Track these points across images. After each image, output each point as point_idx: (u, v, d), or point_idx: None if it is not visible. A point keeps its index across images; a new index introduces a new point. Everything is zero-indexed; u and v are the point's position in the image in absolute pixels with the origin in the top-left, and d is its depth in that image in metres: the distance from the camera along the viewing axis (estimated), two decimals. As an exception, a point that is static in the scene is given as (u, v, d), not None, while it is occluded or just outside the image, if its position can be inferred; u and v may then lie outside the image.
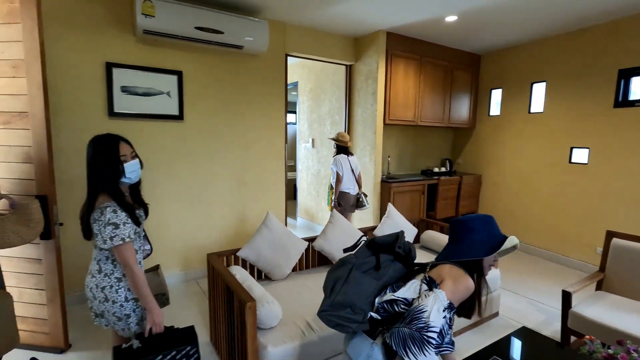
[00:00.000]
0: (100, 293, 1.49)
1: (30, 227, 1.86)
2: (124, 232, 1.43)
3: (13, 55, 2.05)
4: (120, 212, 1.44)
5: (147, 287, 1.47)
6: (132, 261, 1.44)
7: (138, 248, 1.58)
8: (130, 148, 1.53)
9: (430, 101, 4.43)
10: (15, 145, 2.14)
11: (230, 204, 3.58)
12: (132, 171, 1.51)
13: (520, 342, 1.86)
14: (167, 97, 3.09)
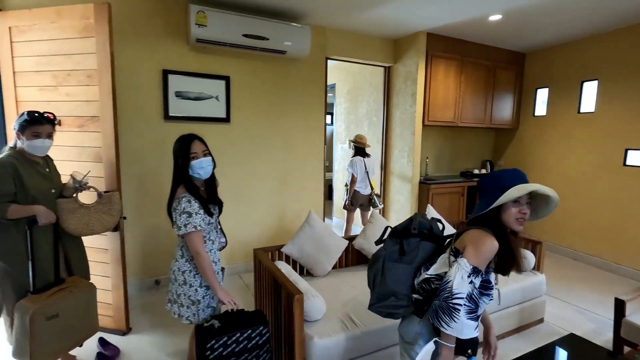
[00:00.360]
0: (181, 276, 1.68)
1: (112, 216, 2.08)
2: (196, 221, 1.59)
3: (88, 65, 2.29)
4: (193, 203, 1.61)
5: (212, 272, 1.64)
6: (200, 247, 1.61)
7: (214, 239, 1.74)
8: (203, 146, 1.68)
9: (471, 102, 4.35)
10: (88, 146, 2.38)
11: (271, 202, 3.73)
12: (200, 167, 1.65)
13: (567, 350, 1.82)
14: (215, 101, 3.29)
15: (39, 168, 1.87)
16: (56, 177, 1.99)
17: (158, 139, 3.12)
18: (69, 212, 1.91)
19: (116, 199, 2.10)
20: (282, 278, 1.93)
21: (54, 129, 1.90)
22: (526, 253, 2.68)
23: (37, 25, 2.33)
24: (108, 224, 2.08)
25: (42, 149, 1.83)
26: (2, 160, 1.74)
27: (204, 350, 1.52)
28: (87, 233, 1.99)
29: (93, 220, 2.00)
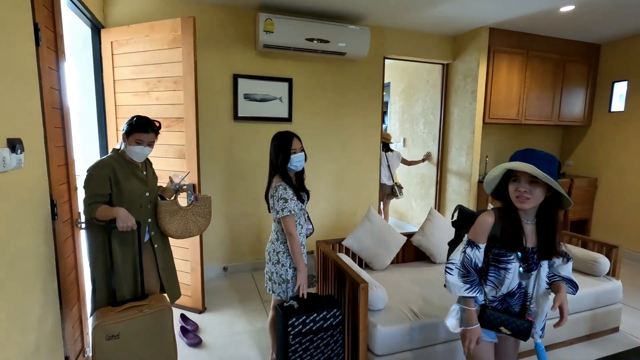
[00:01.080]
0: (275, 256, 1.91)
1: (206, 219, 2.10)
2: (291, 206, 1.82)
3: (175, 73, 2.60)
4: (289, 190, 1.83)
5: (300, 254, 1.86)
6: (293, 229, 1.83)
7: (302, 224, 1.96)
8: (300, 143, 1.89)
9: (537, 98, 4.14)
10: (173, 144, 2.70)
11: (328, 199, 3.87)
12: (298, 161, 1.87)
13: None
14: (279, 102, 3.50)
15: (136, 171, 1.85)
16: (153, 180, 1.96)
17: (228, 137, 3.40)
18: (170, 215, 1.92)
19: (210, 202, 2.12)
20: (347, 268, 2.05)
21: (157, 137, 1.88)
22: (599, 257, 2.53)
23: (134, 39, 2.68)
24: (202, 227, 2.08)
25: (140, 155, 1.82)
26: (102, 161, 1.76)
27: (286, 327, 1.73)
28: (185, 235, 2.00)
29: (190, 223, 2.00)
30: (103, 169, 1.72)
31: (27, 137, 1.47)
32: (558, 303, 1.34)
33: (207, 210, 2.10)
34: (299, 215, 1.91)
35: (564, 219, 4.33)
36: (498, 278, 1.39)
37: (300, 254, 1.85)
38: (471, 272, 1.39)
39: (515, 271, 1.36)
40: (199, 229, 2.06)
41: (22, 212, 1.42)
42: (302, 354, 1.78)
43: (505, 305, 1.42)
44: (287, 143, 1.87)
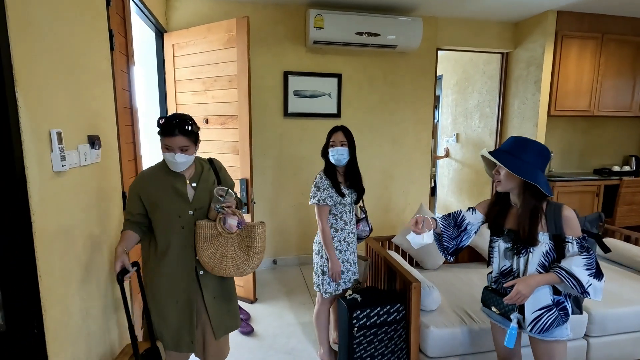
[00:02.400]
0: (317, 246, 1.98)
1: (248, 256, 1.46)
2: (321, 195, 1.87)
3: (230, 72, 2.70)
4: (324, 180, 1.89)
5: (330, 244, 1.89)
6: (323, 219, 1.89)
7: (347, 220, 1.96)
8: (341, 137, 1.90)
9: (613, 86, 3.71)
10: (228, 141, 2.81)
11: (377, 195, 3.81)
12: (333, 155, 1.89)
13: None
14: (328, 98, 3.51)
15: (178, 183, 1.47)
16: (204, 195, 1.51)
17: (279, 133, 3.48)
18: (204, 240, 1.46)
19: (259, 233, 1.44)
20: (398, 266, 2.01)
21: (193, 140, 1.44)
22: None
23: (192, 41, 2.83)
24: (241, 265, 1.46)
25: (174, 164, 1.43)
26: (141, 173, 1.54)
27: (351, 319, 1.77)
28: (219, 272, 1.47)
29: (227, 256, 1.47)
30: (136, 185, 1.48)
31: (104, 134, 1.61)
32: (516, 281, 1.32)
33: (252, 245, 1.44)
34: (339, 209, 1.92)
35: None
36: (491, 257, 1.51)
37: (329, 244, 1.88)
38: (451, 217, 1.53)
39: (500, 251, 1.45)
40: (236, 268, 1.46)
41: (99, 203, 1.56)
42: (367, 347, 1.81)
43: (499, 286, 1.48)
44: (329, 135, 1.93)
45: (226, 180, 1.65)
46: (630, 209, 3.80)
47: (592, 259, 1.28)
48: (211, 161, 1.64)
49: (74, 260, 1.32)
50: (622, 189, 3.70)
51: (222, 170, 1.67)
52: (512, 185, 1.38)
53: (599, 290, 1.27)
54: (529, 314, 1.36)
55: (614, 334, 2.05)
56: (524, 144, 1.35)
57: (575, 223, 1.32)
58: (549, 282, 1.32)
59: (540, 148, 1.36)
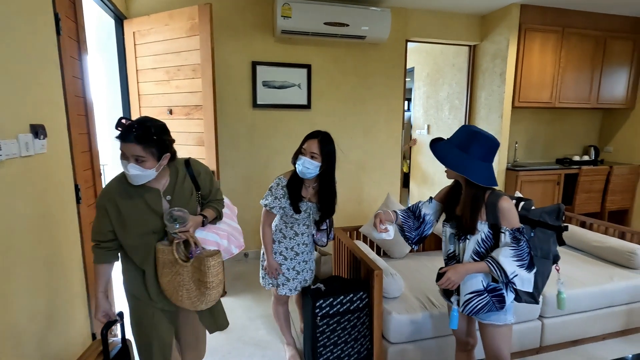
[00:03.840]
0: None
1: (201, 292, 1.27)
2: (270, 202, 1.79)
3: (193, 61, 2.62)
4: (280, 189, 1.77)
5: (269, 243, 1.89)
6: (264, 222, 1.86)
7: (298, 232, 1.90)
8: (316, 148, 1.67)
9: (573, 79, 3.86)
10: (193, 132, 2.74)
11: (350, 186, 3.83)
12: (299, 165, 1.71)
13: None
14: (298, 89, 3.48)
15: (149, 195, 1.27)
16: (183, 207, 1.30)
17: (248, 125, 3.42)
18: (163, 265, 1.30)
19: (211, 266, 1.24)
20: (362, 255, 2.02)
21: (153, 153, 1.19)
22: (637, 248, 2.35)
23: (154, 28, 2.73)
24: (195, 301, 1.30)
25: (130, 177, 1.21)
26: (106, 187, 1.30)
27: (314, 308, 1.78)
28: (175, 301, 1.33)
29: (182, 287, 1.29)
30: (102, 199, 1.27)
31: (50, 123, 1.53)
32: (449, 268, 1.38)
33: (202, 278, 1.25)
34: (290, 221, 1.85)
35: (601, 209, 4.06)
36: (444, 241, 1.54)
37: (268, 245, 1.87)
38: (410, 209, 1.59)
39: (447, 236, 1.50)
40: (190, 301, 1.30)
41: (47, 195, 1.49)
42: (330, 335, 1.83)
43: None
44: (304, 140, 1.74)
45: (205, 186, 1.43)
46: (589, 197, 3.99)
47: (522, 250, 1.30)
48: (188, 164, 1.40)
49: (17, 256, 1.26)
50: (581, 177, 3.88)
51: (202, 174, 1.43)
52: (456, 174, 1.40)
53: (526, 281, 1.31)
54: (462, 296, 1.42)
55: (568, 314, 2.15)
56: (473, 135, 1.35)
57: (510, 214, 1.33)
58: (479, 270, 1.36)
59: (487, 139, 1.35)
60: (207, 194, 1.46)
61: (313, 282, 2.02)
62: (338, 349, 1.84)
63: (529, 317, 2.09)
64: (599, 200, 4.06)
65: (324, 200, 1.81)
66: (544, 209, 1.48)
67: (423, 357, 1.93)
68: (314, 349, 1.82)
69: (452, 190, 1.51)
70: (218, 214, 1.48)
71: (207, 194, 1.46)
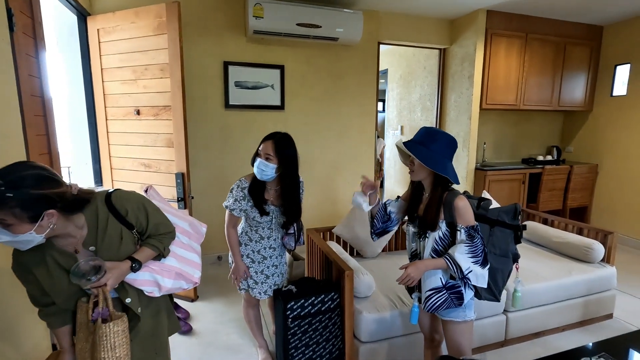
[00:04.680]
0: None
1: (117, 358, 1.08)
2: (232, 204, 1.78)
3: (161, 60, 2.55)
4: (240, 191, 1.76)
5: (235, 245, 1.87)
6: (228, 224, 1.85)
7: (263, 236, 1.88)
8: (270, 150, 1.65)
9: (537, 82, 4.04)
10: (162, 133, 2.67)
11: (325, 187, 3.85)
12: (256, 167, 1.69)
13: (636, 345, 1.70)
14: (271, 90, 3.46)
15: (61, 258, 1.07)
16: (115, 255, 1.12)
17: (220, 126, 3.37)
18: (79, 327, 1.12)
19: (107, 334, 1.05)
20: (333, 255, 2.04)
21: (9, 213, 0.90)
22: (593, 243, 2.49)
23: (120, 26, 2.64)
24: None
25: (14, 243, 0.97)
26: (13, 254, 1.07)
27: (285, 310, 1.77)
28: None
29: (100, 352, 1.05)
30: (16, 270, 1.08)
31: (2, 123, 1.45)
32: (409, 265, 1.42)
33: (94, 348, 1.07)
34: (254, 224, 1.84)
35: (563, 207, 4.27)
36: (407, 240, 1.59)
37: (234, 247, 1.86)
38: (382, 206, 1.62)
39: (410, 234, 1.54)
40: None
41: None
42: (302, 336, 1.82)
43: None
44: (260, 144, 1.71)
45: (140, 222, 1.18)
46: (552, 195, 4.19)
47: (477, 247, 1.35)
48: (110, 203, 1.13)
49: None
50: (544, 176, 4.06)
51: (130, 211, 1.15)
52: (424, 174, 1.43)
53: (480, 277, 1.36)
54: (423, 293, 1.47)
55: (530, 307, 2.25)
56: (434, 134, 1.40)
57: (465, 212, 1.38)
58: (437, 267, 1.40)
59: (448, 139, 1.41)
60: (145, 229, 1.19)
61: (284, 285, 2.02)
62: (310, 350, 1.85)
63: (494, 312, 2.17)
64: (561, 198, 4.26)
65: (286, 203, 1.78)
66: (501, 209, 1.54)
67: (393, 355, 1.96)
68: (285, 350, 1.82)
69: (414, 191, 1.54)
70: (159, 252, 1.21)
71: (143, 229, 1.19)
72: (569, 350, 1.61)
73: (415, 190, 1.53)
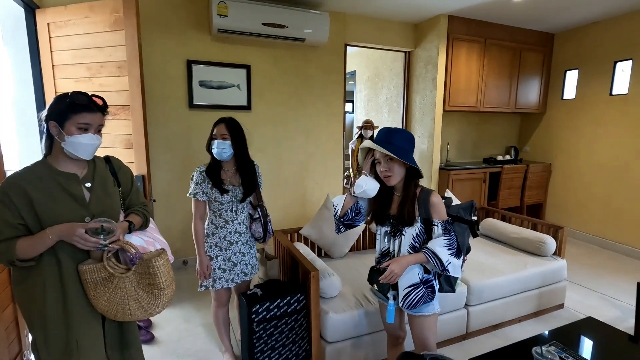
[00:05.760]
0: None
1: (154, 295, 1.22)
2: (194, 189, 1.82)
3: (119, 57, 2.44)
4: (199, 175, 1.83)
5: (200, 239, 1.85)
6: (195, 215, 1.85)
7: (228, 219, 1.88)
8: (224, 130, 1.80)
9: (495, 86, 4.24)
10: (120, 134, 2.55)
11: (294, 188, 3.83)
12: (215, 148, 1.80)
13: (584, 333, 1.82)
14: (237, 90, 3.40)
15: (70, 184, 1.19)
16: (105, 197, 1.26)
17: (185, 126, 3.27)
18: (95, 286, 1.20)
19: (159, 266, 1.20)
20: (300, 256, 2.03)
21: (104, 120, 1.25)
22: (546, 238, 2.64)
23: (72, 20, 2.50)
24: (149, 307, 1.23)
25: (88, 148, 1.18)
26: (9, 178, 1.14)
27: (250, 314, 1.75)
28: (123, 317, 1.24)
29: (129, 299, 1.22)
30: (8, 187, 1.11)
31: None
32: (390, 262, 1.43)
33: (155, 282, 1.20)
34: (217, 207, 1.86)
35: (521, 204, 4.51)
36: (378, 240, 1.61)
37: (199, 241, 1.85)
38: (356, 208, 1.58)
39: (382, 234, 1.56)
40: (142, 310, 1.23)
41: None
42: (267, 340, 1.80)
43: (378, 266, 1.58)
44: (213, 128, 1.85)
45: (126, 183, 1.36)
46: (510, 192, 4.41)
47: (453, 240, 1.43)
48: (108, 160, 1.36)
49: None
50: (503, 175, 4.27)
51: (122, 170, 1.37)
52: (400, 176, 1.45)
53: (457, 267, 1.43)
54: (401, 291, 1.49)
55: (489, 301, 2.35)
56: (395, 132, 1.44)
57: (440, 208, 1.45)
58: (418, 261, 1.45)
59: (408, 135, 1.47)
60: (128, 192, 1.38)
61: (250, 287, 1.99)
62: (276, 353, 1.83)
63: (456, 307, 2.24)
64: (519, 196, 4.50)
65: (243, 176, 1.88)
66: (460, 205, 1.60)
67: (359, 353, 1.99)
68: (251, 355, 1.79)
69: (382, 195, 1.53)
70: (145, 220, 1.38)
71: (127, 191, 1.37)
72: (524, 340, 1.70)
73: (384, 194, 1.52)
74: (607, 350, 1.70)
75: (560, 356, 1.56)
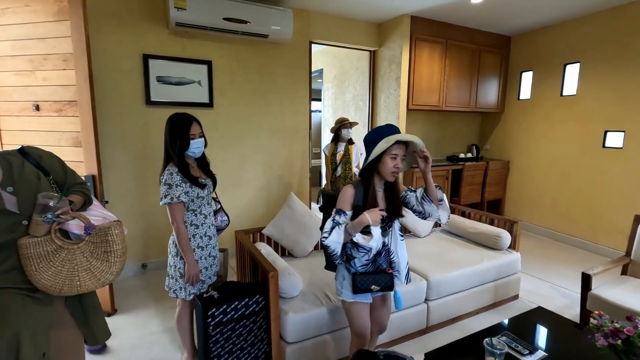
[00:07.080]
0: (174, 248, 1.80)
1: (109, 262, 1.25)
2: (174, 193, 1.70)
3: (63, 49, 2.28)
4: (175, 176, 1.71)
5: (187, 244, 1.76)
6: (178, 219, 1.74)
7: (206, 214, 1.86)
8: (199, 128, 1.77)
9: (456, 86, 4.37)
10: (67, 131, 2.39)
11: (258, 187, 3.76)
12: (197, 147, 1.76)
13: (534, 321, 1.90)
14: (198, 86, 3.28)
15: None
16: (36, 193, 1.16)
17: (141, 124, 3.12)
18: (38, 260, 1.15)
19: (116, 234, 1.26)
20: (259, 257, 1.99)
21: None
22: (501, 232, 2.75)
23: (10, 9, 2.31)
24: (102, 276, 1.24)
25: None
26: None
27: (206, 318, 1.68)
28: (70, 291, 1.20)
29: (80, 271, 1.21)
30: None
31: None
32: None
33: (110, 249, 1.24)
34: (198, 203, 1.82)
35: (481, 200, 4.68)
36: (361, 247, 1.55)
37: (186, 245, 1.76)
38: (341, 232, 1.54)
39: (378, 234, 1.53)
40: (95, 279, 1.23)
41: None
42: (224, 344, 1.75)
43: (376, 265, 1.60)
44: (186, 128, 1.73)
45: (55, 169, 1.28)
46: (471, 189, 4.56)
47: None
48: (23, 152, 1.23)
49: None
50: (465, 172, 4.41)
51: (44, 157, 1.27)
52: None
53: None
54: (402, 270, 1.64)
55: (447, 295, 2.42)
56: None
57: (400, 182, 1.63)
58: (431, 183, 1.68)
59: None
60: (63, 178, 1.30)
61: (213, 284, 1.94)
62: (234, 357, 1.78)
63: (417, 302, 2.28)
64: (480, 192, 4.67)
65: (204, 168, 1.90)
66: None
67: (320, 353, 1.97)
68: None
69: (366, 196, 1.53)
70: (86, 198, 1.34)
71: (62, 177, 1.30)
72: (479, 331, 1.76)
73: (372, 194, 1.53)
74: (555, 337, 1.79)
75: (510, 345, 1.62)
